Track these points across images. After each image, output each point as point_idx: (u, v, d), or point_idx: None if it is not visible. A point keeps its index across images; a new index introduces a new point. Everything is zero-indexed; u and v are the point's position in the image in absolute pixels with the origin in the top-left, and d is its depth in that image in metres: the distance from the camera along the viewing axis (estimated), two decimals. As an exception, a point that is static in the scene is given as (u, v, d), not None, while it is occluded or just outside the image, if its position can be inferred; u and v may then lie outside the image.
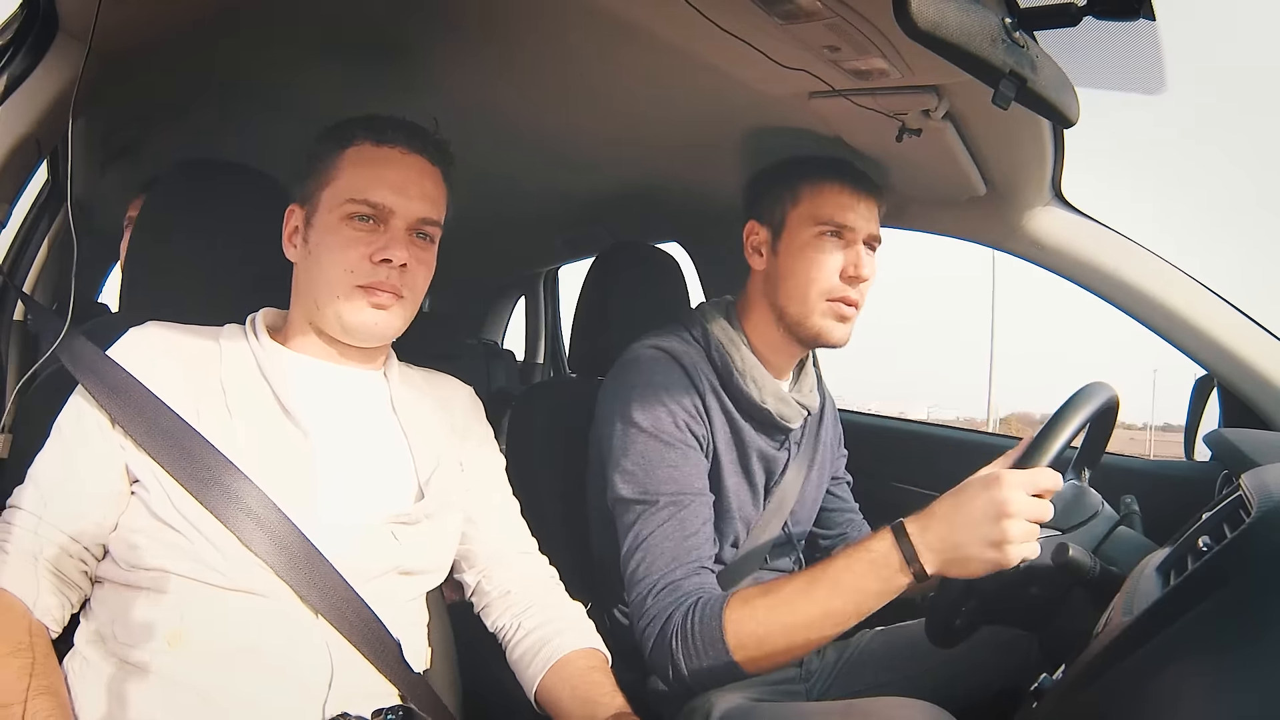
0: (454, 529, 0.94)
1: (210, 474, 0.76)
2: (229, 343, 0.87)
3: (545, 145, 1.39)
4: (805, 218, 1.08)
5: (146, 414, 0.78)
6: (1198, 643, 0.57)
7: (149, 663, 0.74)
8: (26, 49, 0.86)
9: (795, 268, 1.08)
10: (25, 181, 0.96)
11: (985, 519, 0.80)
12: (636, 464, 1.02)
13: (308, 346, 0.89)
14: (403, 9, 0.98)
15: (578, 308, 1.37)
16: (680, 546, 0.97)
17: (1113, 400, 0.93)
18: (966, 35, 0.64)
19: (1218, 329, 1.20)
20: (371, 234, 0.85)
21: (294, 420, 0.83)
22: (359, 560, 0.82)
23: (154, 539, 0.76)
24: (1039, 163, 1.14)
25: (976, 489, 0.82)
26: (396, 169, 0.86)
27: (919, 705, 0.85)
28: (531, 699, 0.91)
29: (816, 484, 1.24)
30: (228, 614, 0.76)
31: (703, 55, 0.93)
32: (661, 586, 0.95)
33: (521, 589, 0.97)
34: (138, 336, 0.84)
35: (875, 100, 0.96)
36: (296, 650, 0.77)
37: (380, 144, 0.86)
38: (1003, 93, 0.69)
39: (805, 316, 1.08)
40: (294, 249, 0.89)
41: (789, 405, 1.12)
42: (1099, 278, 1.27)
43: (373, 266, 0.84)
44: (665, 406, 1.03)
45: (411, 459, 0.91)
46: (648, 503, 1.00)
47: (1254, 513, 0.63)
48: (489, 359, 2.75)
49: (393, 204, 0.85)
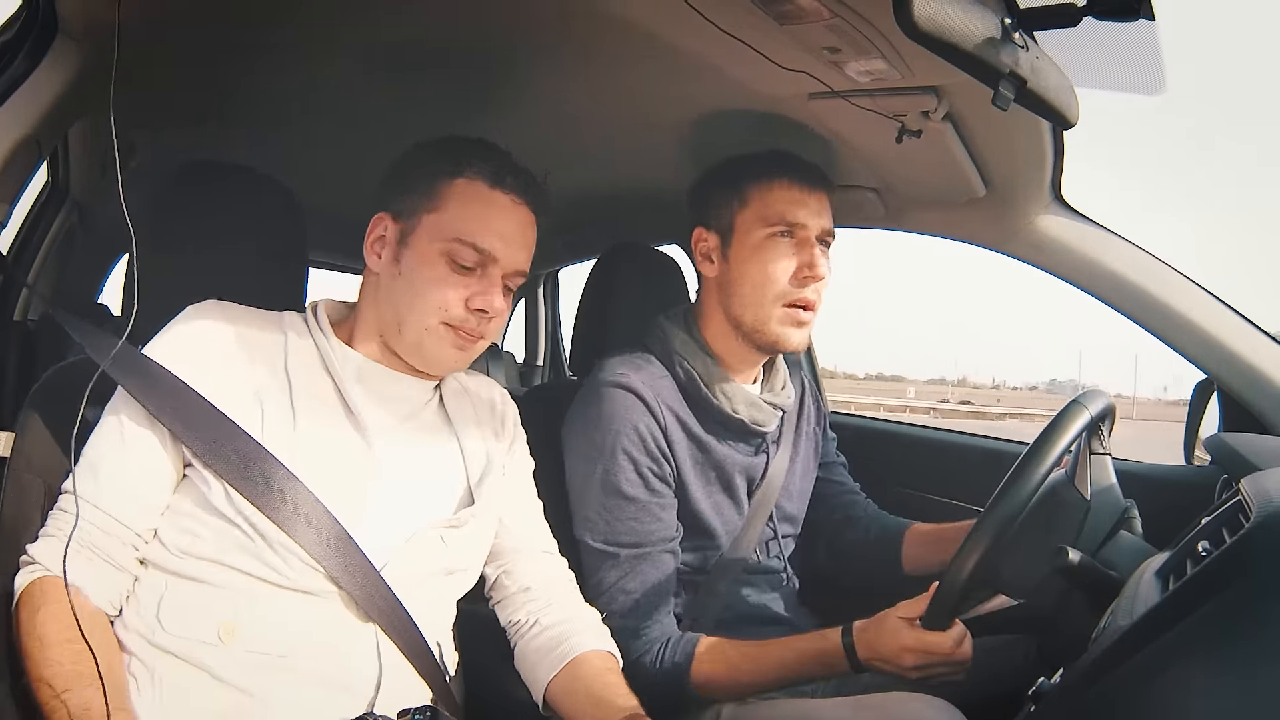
0: (492, 529, 0.95)
1: (261, 474, 0.77)
2: (294, 332, 0.87)
3: (545, 146, 1.39)
4: (754, 219, 1.05)
5: (192, 413, 0.78)
6: (1197, 647, 0.56)
7: (195, 655, 0.74)
8: (26, 50, 0.86)
9: (747, 273, 1.05)
10: (25, 181, 0.96)
11: (895, 657, 0.91)
12: (597, 514, 1.03)
13: (371, 350, 0.90)
14: (405, 14, 0.98)
15: (578, 310, 1.37)
16: (644, 603, 1.01)
17: (1108, 408, 0.94)
18: (966, 36, 0.64)
19: (1218, 333, 1.20)
20: (470, 278, 0.85)
21: (357, 419, 0.84)
22: (409, 564, 0.83)
23: (212, 529, 0.77)
24: (1039, 164, 1.14)
25: (890, 634, 0.91)
26: (508, 219, 0.87)
27: (929, 700, 0.86)
28: (539, 698, 0.91)
29: (803, 474, 1.23)
30: (282, 612, 0.76)
31: (702, 56, 0.93)
32: (626, 636, 0.99)
33: (541, 586, 0.97)
34: (197, 314, 0.84)
35: (875, 101, 0.96)
36: (348, 654, 0.78)
37: (495, 187, 0.87)
38: (1003, 94, 0.69)
39: (762, 324, 1.05)
40: (377, 259, 0.88)
41: (761, 409, 1.11)
42: (1098, 280, 1.27)
43: (466, 311, 0.85)
44: (626, 455, 1.02)
45: (463, 463, 0.92)
46: (609, 554, 1.02)
47: (1253, 517, 0.63)
48: (489, 361, 2.76)
49: (499, 253, 0.86)
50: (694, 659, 0.99)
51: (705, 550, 1.11)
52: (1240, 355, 1.19)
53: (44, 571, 0.76)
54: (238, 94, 1.25)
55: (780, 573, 1.19)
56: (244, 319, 0.86)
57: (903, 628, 0.90)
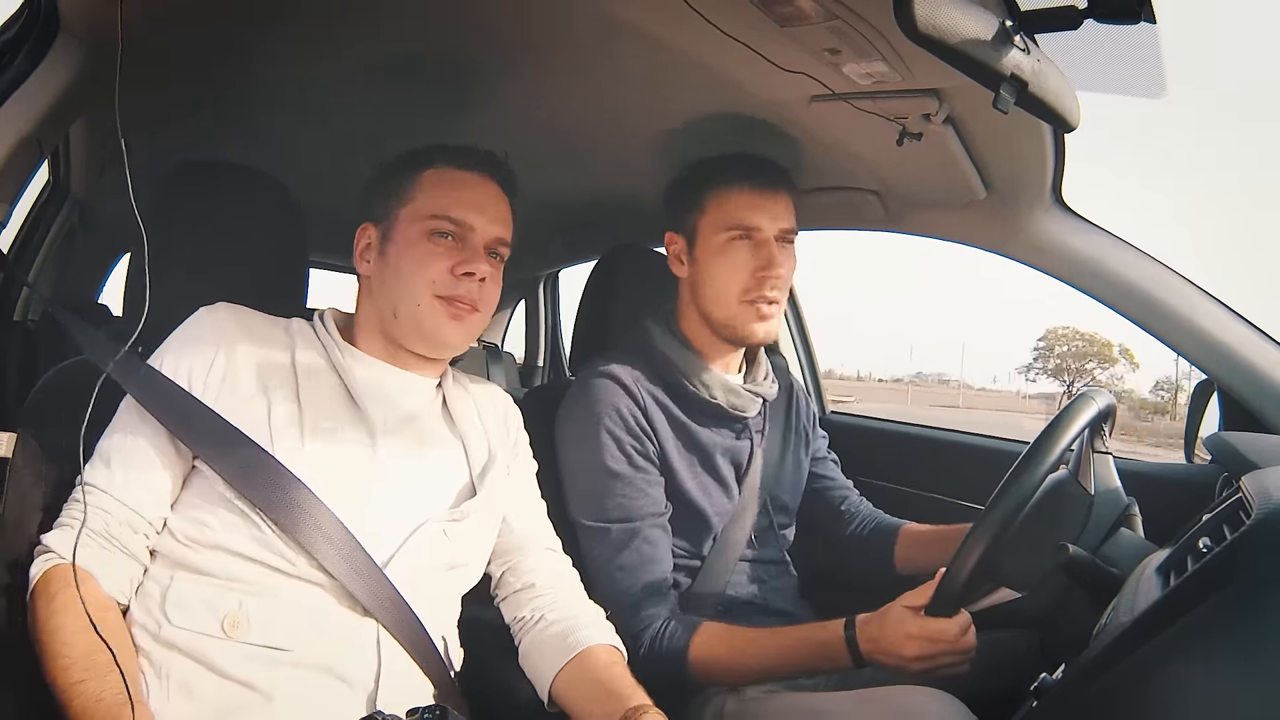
0: (495, 526, 0.97)
1: (266, 480, 0.78)
2: (299, 333, 0.90)
3: (545, 148, 1.39)
4: (714, 225, 1.11)
5: (196, 421, 0.80)
6: (1198, 643, 0.57)
7: (199, 648, 0.75)
8: (27, 49, 0.87)
9: (711, 274, 1.12)
10: (26, 181, 0.96)
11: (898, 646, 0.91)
12: (586, 493, 1.08)
13: (375, 350, 0.93)
14: (406, 12, 0.98)
15: (579, 311, 1.38)
16: (637, 575, 1.04)
17: (1109, 408, 0.94)
18: (967, 38, 0.64)
19: (1217, 333, 1.20)
20: (452, 249, 0.90)
21: (363, 413, 0.87)
22: (413, 559, 0.84)
23: (220, 519, 0.78)
24: (1039, 167, 1.14)
25: (893, 624, 0.91)
26: (475, 191, 0.92)
27: (933, 693, 0.87)
28: (545, 693, 0.91)
29: (794, 468, 1.26)
30: (287, 604, 0.77)
31: (703, 58, 0.93)
32: (623, 614, 1.01)
33: (545, 583, 0.98)
34: (209, 316, 0.87)
35: (875, 104, 0.96)
36: (347, 647, 0.79)
37: (458, 168, 0.93)
38: (1003, 96, 0.69)
39: (729, 319, 1.12)
40: (366, 264, 0.94)
41: (739, 395, 1.16)
42: (1099, 282, 1.27)
43: (454, 280, 0.89)
44: (609, 434, 1.08)
45: (466, 457, 0.94)
46: (600, 531, 1.07)
47: (1254, 515, 0.64)
48: (489, 361, 2.76)
49: (474, 221, 0.91)
50: (694, 639, 1.00)
51: (699, 532, 1.14)
52: (1239, 355, 1.19)
53: (58, 560, 0.77)
54: (237, 93, 1.25)
55: (781, 563, 1.23)
56: (254, 321, 0.89)
57: (907, 616, 0.91)
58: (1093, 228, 1.28)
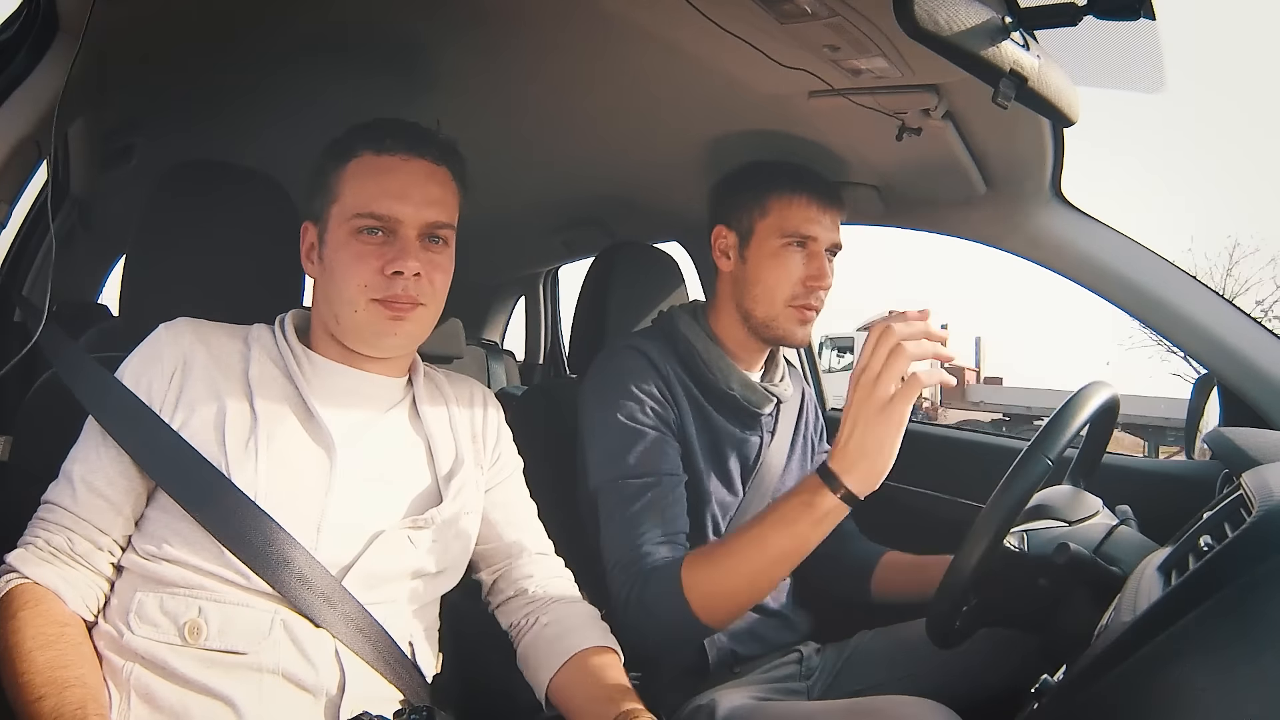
0: (471, 530, 0.94)
1: (218, 504, 0.77)
2: (257, 342, 0.88)
3: (545, 145, 1.39)
4: (772, 229, 1.13)
5: (154, 442, 0.79)
6: (1199, 642, 0.57)
7: (160, 656, 0.74)
8: (26, 49, 0.86)
9: (762, 275, 1.13)
10: (25, 181, 0.96)
11: (867, 421, 0.86)
12: (609, 451, 1.07)
13: (331, 352, 0.89)
14: (403, 10, 0.98)
15: (577, 308, 1.37)
16: (651, 523, 1.03)
17: (1113, 402, 0.93)
18: (967, 34, 0.64)
19: (1217, 327, 1.20)
20: (382, 246, 0.84)
21: (318, 421, 0.84)
22: (374, 565, 0.82)
23: (181, 535, 0.77)
24: (1039, 162, 1.14)
25: (853, 419, 0.87)
26: (398, 177, 0.85)
27: (925, 704, 0.86)
28: (541, 695, 0.90)
29: (798, 471, 1.26)
30: (245, 612, 0.76)
31: (702, 54, 0.93)
32: (629, 559, 1.00)
33: (538, 587, 0.97)
34: (166, 333, 0.85)
35: (875, 99, 0.96)
36: (307, 656, 0.77)
37: (380, 153, 0.86)
38: (1003, 92, 0.69)
39: (771, 319, 1.14)
40: (311, 265, 0.90)
41: (755, 391, 1.17)
42: (1099, 276, 1.27)
43: (386, 280, 0.83)
44: (634, 396, 1.09)
45: (431, 461, 0.91)
46: (620, 486, 1.05)
47: (1255, 512, 0.63)
48: (489, 359, 2.75)
49: (398, 213, 0.84)
50: (683, 567, 0.97)
51: (700, 517, 1.13)
52: (1240, 350, 1.19)
53: (20, 579, 0.76)
54: (236, 92, 1.25)
55: None
56: (211, 334, 0.86)
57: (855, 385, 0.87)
58: (1092, 222, 1.27)
